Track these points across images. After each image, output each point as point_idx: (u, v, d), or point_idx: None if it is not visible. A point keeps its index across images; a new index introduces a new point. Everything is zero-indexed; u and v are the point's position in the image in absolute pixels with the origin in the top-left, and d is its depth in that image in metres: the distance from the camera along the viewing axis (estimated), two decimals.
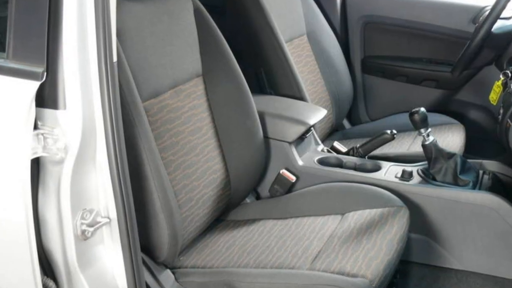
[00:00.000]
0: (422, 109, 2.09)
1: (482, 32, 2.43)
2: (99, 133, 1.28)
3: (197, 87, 1.93)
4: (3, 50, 1.27)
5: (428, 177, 2.09)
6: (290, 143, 2.20)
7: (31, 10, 1.23)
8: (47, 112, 1.25)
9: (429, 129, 2.09)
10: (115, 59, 1.27)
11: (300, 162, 2.20)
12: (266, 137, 2.15)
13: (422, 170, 2.12)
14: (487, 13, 2.46)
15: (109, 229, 1.35)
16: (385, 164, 2.20)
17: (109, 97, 1.25)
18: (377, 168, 2.18)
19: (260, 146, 2.05)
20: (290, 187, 2.15)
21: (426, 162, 2.13)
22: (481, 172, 2.19)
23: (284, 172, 2.15)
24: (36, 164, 1.28)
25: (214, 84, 1.97)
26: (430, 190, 2.04)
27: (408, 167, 2.14)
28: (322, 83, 2.73)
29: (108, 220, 1.34)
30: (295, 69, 2.48)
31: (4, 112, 1.27)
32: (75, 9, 1.20)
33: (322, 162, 2.24)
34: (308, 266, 1.65)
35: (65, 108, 1.24)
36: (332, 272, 1.60)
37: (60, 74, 1.23)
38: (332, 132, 2.83)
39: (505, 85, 2.21)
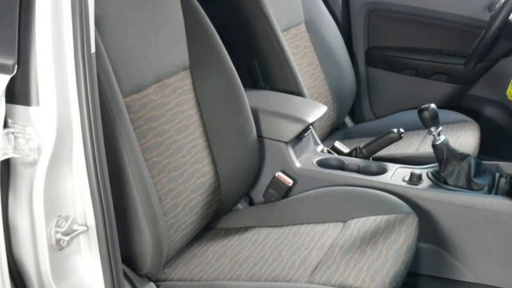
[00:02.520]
0: (432, 105, 2.10)
1: (498, 20, 2.44)
2: (75, 132, 1.28)
3: (184, 82, 1.94)
4: None
5: (439, 180, 2.10)
6: (286, 143, 2.20)
7: None
8: (19, 108, 1.25)
9: (440, 128, 2.10)
10: (93, 50, 1.27)
11: (298, 164, 2.21)
12: (260, 136, 2.16)
13: (432, 173, 2.14)
14: None
15: (87, 238, 1.36)
16: (392, 166, 2.21)
17: (86, 92, 1.26)
18: (383, 171, 2.19)
19: (253, 147, 2.06)
20: (286, 192, 2.17)
21: (436, 164, 2.14)
22: (497, 175, 2.20)
23: (280, 175, 2.17)
24: (6, 166, 1.28)
25: (203, 78, 1.97)
26: (441, 195, 2.05)
27: (417, 170, 2.15)
28: (322, 76, 2.74)
29: (85, 228, 1.34)
30: (292, 61, 2.49)
31: None
32: None
33: (321, 164, 2.25)
34: (307, 278, 1.66)
35: (38, 104, 1.24)
36: (333, 286, 1.61)
37: (32, 67, 1.23)
38: (332, 131, 2.84)
39: None
